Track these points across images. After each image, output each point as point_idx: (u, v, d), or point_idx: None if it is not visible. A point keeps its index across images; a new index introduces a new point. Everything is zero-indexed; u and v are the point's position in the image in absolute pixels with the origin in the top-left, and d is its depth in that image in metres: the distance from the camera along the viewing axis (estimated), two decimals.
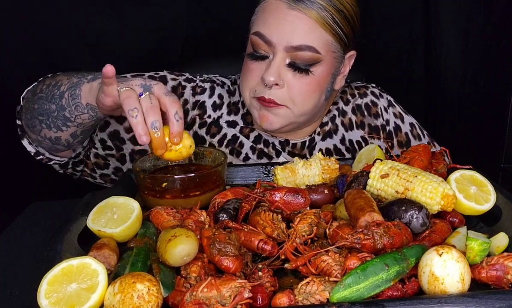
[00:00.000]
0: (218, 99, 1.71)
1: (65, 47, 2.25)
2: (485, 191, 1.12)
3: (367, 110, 1.74)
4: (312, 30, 1.43)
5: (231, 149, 1.67)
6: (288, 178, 1.29)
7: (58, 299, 0.83)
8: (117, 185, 1.32)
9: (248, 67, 1.52)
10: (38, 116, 1.40)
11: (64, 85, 1.35)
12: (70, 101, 1.31)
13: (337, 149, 1.69)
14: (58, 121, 1.37)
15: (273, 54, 1.45)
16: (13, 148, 2.29)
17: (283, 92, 1.47)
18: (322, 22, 1.43)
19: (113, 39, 2.30)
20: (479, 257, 0.93)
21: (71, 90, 1.32)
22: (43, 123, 1.39)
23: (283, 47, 1.43)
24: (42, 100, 1.39)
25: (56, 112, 1.36)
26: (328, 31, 1.45)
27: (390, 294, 0.86)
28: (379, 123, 1.74)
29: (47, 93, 1.38)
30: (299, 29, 1.42)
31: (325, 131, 1.70)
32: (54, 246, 0.96)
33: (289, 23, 1.41)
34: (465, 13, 2.26)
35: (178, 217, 1.14)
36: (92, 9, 2.23)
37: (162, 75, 1.69)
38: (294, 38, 1.42)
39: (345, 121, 1.72)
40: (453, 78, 2.39)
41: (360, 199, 1.03)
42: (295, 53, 1.43)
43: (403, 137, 1.75)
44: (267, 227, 1.05)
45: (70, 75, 1.38)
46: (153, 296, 0.81)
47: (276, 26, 1.43)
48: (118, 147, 1.61)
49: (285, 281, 0.97)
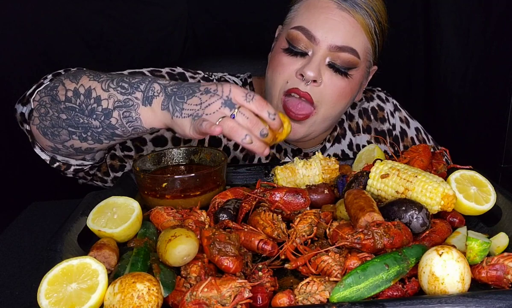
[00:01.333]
0: None
1: (65, 47, 2.26)
2: (485, 191, 1.12)
3: (373, 115, 1.75)
4: (358, 34, 1.43)
5: (245, 154, 1.64)
6: (288, 178, 1.29)
7: (58, 299, 0.83)
8: (117, 185, 1.32)
9: (281, 61, 1.46)
10: (67, 127, 1.27)
11: (105, 101, 1.23)
12: (125, 123, 1.22)
13: (345, 155, 1.69)
14: (102, 136, 1.27)
15: (314, 51, 1.43)
16: (13, 149, 2.30)
17: (318, 91, 1.44)
18: (366, 29, 1.44)
19: (113, 39, 2.30)
20: (479, 257, 0.93)
21: (121, 110, 1.22)
22: (76, 134, 1.28)
23: (327, 45, 1.41)
24: (75, 111, 1.25)
25: (101, 128, 1.25)
26: (369, 39, 1.46)
27: (390, 294, 0.86)
28: (386, 128, 1.74)
29: (80, 104, 1.25)
30: (346, 30, 1.41)
31: (334, 137, 1.70)
32: (54, 246, 0.96)
33: (337, 23, 1.41)
34: (465, 13, 2.26)
35: (178, 217, 1.14)
36: (92, 9, 2.24)
37: (180, 72, 1.62)
38: (339, 38, 1.41)
39: (352, 125, 1.72)
40: (453, 78, 2.39)
41: (360, 199, 1.03)
42: (337, 54, 1.42)
43: (409, 142, 1.75)
44: (267, 227, 1.05)
45: (103, 82, 1.25)
46: (153, 296, 0.80)
47: (322, 23, 1.41)
48: (138, 149, 1.56)
49: (285, 281, 0.97)
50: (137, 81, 1.21)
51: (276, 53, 1.49)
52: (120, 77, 1.24)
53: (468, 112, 2.36)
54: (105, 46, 2.30)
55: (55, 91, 1.29)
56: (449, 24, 2.35)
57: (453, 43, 2.35)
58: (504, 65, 2.07)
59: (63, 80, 1.29)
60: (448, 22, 2.35)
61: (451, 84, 2.41)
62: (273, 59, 1.50)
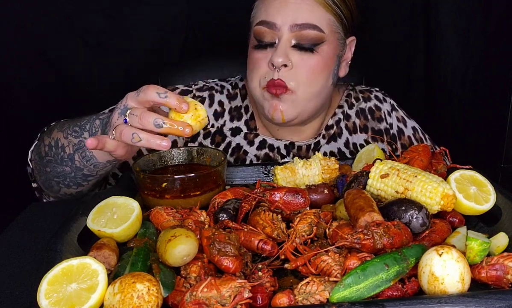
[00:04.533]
0: (219, 107, 1.70)
1: (65, 47, 2.26)
2: (485, 191, 1.12)
3: (370, 114, 1.76)
4: (315, 9, 1.47)
5: (236, 158, 1.67)
6: (288, 178, 1.29)
7: (58, 299, 0.83)
8: (117, 185, 1.32)
9: (254, 58, 1.53)
10: (53, 178, 1.38)
11: (67, 147, 1.32)
12: (86, 162, 1.30)
13: (341, 153, 1.70)
14: (77, 179, 1.36)
15: (278, 38, 1.47)
16: (13, 149, 2.30)
17: (292, 74, 1.48)
18: (323, 3, 1.47)
19: (113, 39, 2.30)
20: (479, 257, 0.93)
21: (79, 152, 1.29)
22: (61, 183, 1.38)
23: (288, 27, 1.45)
24: (52, 163, 1.36)
25: (73, 173, 1.34)
26: (330, 12, 1.49)
27: (390, 294, 0.86)
28: (383, 127, 1.75)
29: (54, 156, 1.35)
30: (302, 8, 1.45)
31: (330, 135, 1.71)
32: (54, 246, 0.96)
33: (293, 4, 1.45)
34: (465, 13, 2.26)
35: (178, 217, 1.14)
36: (92, 9, 2.23)
37: None
38: (298, 17, 1.45)
39: (349, 124, 1.73)
40: (453, 78, 2.39)
41: (360, 199, 1.03)
42: (300, 33, 1.46)
43: (406, 140, 1.76)
44: (267, 227, 1.05)
45: (64, 131, 1.34)
46: (153, 296, 0.80)
47: (278, 9, 1.46)
48: None
49: (285, 281, 0.97)
50: (84, 122, 1.31)
51: (250, 53, 1.55)
52: (76, 121, 1.34)
53: (468, 112, 2.35)
54: (105, 46, 2.30)
55: (39, 148, 1.42)
56: (449, 24, 2.35)
57: (453, 43, 2.35)
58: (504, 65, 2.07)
59: (43, 137, 1.42)
60: (448, 22, 2.35)
61: (451, 84, 2.41)
62: (248, 59, 1.57)
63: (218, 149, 1.41)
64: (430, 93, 2.59)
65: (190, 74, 2.08)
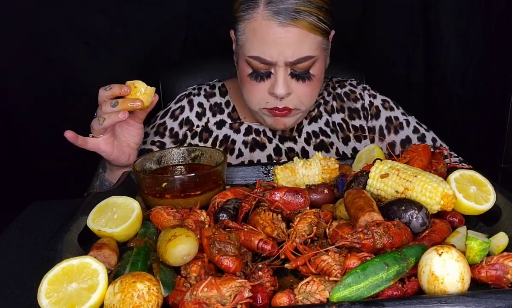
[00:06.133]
0: (199, 108, 1.79)
1: (65, 47, 2.26)
2: (485, 191, 1.12)
3: (346, 97, 1.87)
4: (305, 39, 1.50)
5: (224, 149, 1.74)
6: (288, 177, 1.29)
7: (59, 299, 0.83)
8: (117, 185, 1.32)
9: (251, 85, 1.59)
10: None
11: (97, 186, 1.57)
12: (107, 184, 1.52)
13: (323, 131, 1.79)
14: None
15: (275, 70, 1.53)
16: (13, 149, 2.30)
17: (293, 98, 1.58)
18: (312, 28, 1.50)
19: (113, 39, 2.30)
20: (478, 256, 0.93)
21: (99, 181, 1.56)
22: None
23: (283, 63, 1.51)
24: None
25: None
26: (318, 33, 1.52)
27: (390, 294, 0.86)
28: (359, 105, 1.84)
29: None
30: (294, 44, 1.49)
31: (312, 116, 1.81)
32: (54, 245, 0.96)
33: (284, 41, 1.48)
34: (465, 13, 2.27)
35: (178, 217, 1.13)
36: (92, 9, 2.23)
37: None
38: (290, 54, 1.50)
39: (328, 108, 1.84)
40: (453, 78, 2.40)
41: (360, 199, 1.03)
42: (295, 66, 1.53)
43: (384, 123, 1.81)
44: (267, 226, 1.05)
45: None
46: (153, 295, 0.81)
47: (270, 47, 1.49)
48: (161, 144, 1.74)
49: (285, 281, 0.97)
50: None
51: (245, 76, 1.59)
52: None
53: (468, 112, 2.36)
54: (105, 46, 2.30)
55: None
56: (449, 24, 2.35)
57: (453, 43, 2.35)
58: (504, 65, 2.07)
59: None
60: (448, 22, 2.35)
61: (451, 84, 2.41)
62: (244, 81, 1.61)
63: (218, 149, 1.41)
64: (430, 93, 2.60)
65: (190, 74, 2.08)
